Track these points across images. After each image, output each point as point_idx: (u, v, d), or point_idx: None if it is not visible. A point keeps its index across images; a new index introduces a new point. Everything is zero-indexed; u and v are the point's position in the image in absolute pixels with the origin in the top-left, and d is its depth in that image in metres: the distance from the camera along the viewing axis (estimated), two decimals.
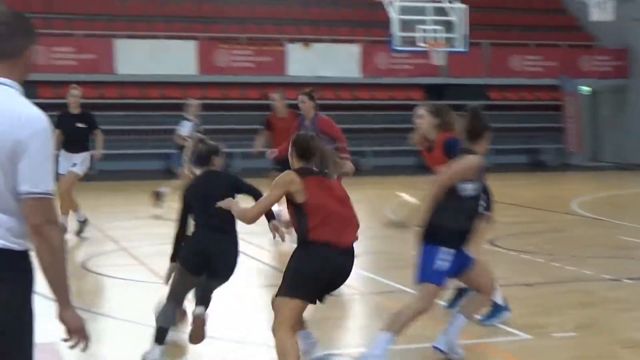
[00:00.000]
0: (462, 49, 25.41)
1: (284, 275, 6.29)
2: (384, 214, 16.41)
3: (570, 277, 10.60)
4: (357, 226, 6.45)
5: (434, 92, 30.48)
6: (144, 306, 8.56)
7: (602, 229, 15.16)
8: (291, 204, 6.24)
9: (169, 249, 7.40)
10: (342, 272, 6.31)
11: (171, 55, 27.86)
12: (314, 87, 12.69)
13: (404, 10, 25.27)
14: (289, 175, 6.24)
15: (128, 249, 12.96)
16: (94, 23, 29.61)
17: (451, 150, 8.36)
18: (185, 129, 15.98)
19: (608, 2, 14.42)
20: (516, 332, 8.10)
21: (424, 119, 8.84)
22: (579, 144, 31.38)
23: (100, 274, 11.21)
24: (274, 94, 14.94)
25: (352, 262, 6.37)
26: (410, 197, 10.32)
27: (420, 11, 25.38)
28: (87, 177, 25.29)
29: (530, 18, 34.55)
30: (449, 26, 25.39)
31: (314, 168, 6.35)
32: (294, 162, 6.40)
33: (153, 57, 27.67)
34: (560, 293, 9.77)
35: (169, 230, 8.20)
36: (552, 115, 31.57)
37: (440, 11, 25.95)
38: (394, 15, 24.87)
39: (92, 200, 20.03)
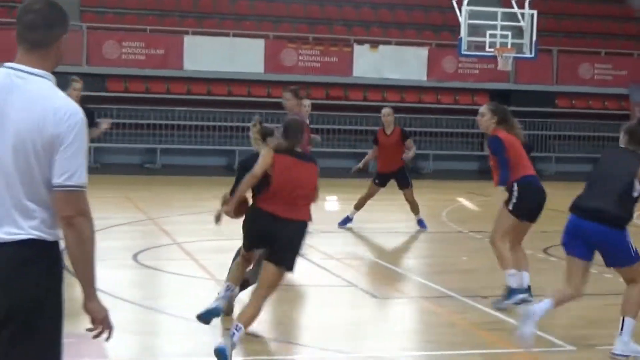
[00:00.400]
0: (530, 55, 25.22)
1: None
2: (440, 219, 16.49)
3: (621, 289, 10.44)
4: (305, 207, 7.35)
5: (500, 97, 30.24)
6: (191, 301, 8.69)
7: None
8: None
9: (223, 244, 7.55)
10: (269, 234, 7.23)
11: (239, 52, 28.07)
12: (301, 85, 12.99)
13: (473, 15, 25.20)
14: (269, 153, 7.32)
15: (182, 243, 13.12)
16: (165, 19, 29.99)
17: (491, 147, 8.78)
18: None
19: None
20: (561, 343, 8.06)
21: (484, 116, 9.47)
22: None
23: (152, 268, 11.37)
24: (385, 109, 15.74)
25: (284, 230, 7.20)
26: (470, 202, 10.33)
27: (490, 16, 25.27)
28: (151, 171, 25.95)
29: (600, 25, 34.14)
30: (518, 32, 25.23)
31: (293, 148, 7.38)
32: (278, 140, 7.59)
33: (221, 54, 27.91)
34: (609, 305, 9.65)
35: (224, 227, 8.31)
36: (620, 125, 31.07)
37: (510, 16, 25.80)
38: (463, 19, 24.80)
39: (151, 193, 20.38)
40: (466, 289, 10.12)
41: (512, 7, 25.64)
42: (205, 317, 7.59)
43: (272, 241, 7.20)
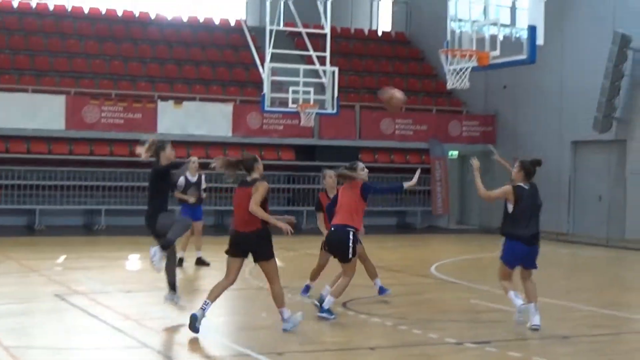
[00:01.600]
0: (332, 111, 25.68)
1: None
2: (243, 276, 16.33)
3: (414, 341, 10.64)
4: (242, 223, 10.77)
5: (305, 153, 30.64)
6: None
7: (456, 292, 15.32)
8: None
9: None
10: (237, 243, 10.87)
11: (38, 109, 27.31)
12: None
13: (277, 72, 25.48)
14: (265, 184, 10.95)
15: None
16: None
17: None
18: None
19: (464, 72, 14.66)
20: None
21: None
22: (445, 207, 31.90)
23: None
24: (329, 172, 13.87)
25: (244, 240, 10.75)
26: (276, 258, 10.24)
27: (292, 73, 25.62)
28: None
29: (401, 82, 35.16)
30: (320, 88, 25.67)
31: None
32: None
33: (20, 111, 27.09)
34: (402, 357, 9.79)
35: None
36: (420, 178, 31.94)
37: (313, 73, 26.22)
38: (265, 76, 25.06)
39: None
40: (263, 345, 10.03)
41: (314, 64, 26.11)
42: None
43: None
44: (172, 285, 12.25)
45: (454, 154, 33.19)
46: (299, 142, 30.21)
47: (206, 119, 29.22)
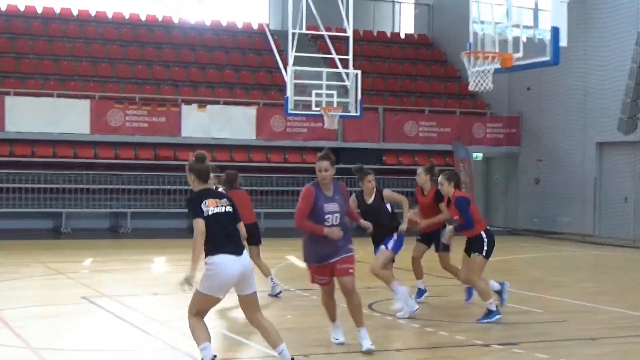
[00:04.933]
0: (355, 114, 25.67)
1: None
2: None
3: (440, 342, 10.64)
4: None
5: None
6: None
7: None
8: None
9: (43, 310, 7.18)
10: None
11: (63, 113, 27.52)
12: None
13: (299, 75, 25.53)
14: None
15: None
16: None
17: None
18: None
19: (487, 74, 14.63)
20: None
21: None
22: None
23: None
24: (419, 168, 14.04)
25: None
26: (299, 260, 10.28)
27: (315, 76, 25.66)
28: None
29: (424, 85, 35.20)
30: (344, 91, 25.68)
31: None
32: None
33: (45, 115, 27.31)
34: (428, 359, 9.79)
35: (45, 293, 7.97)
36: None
37: (336, 76, 26.24)
38: (289, 79, 25.09)
39: None
40: (288, 347, 10.03)
41: (337, 67, 26.11)
42: None
43: None
44: None
45: (478, 156, 33.14)
46: (323, 144, 30.22)
47: (230, 122, 29.33)
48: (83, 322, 11.89)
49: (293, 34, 25.40)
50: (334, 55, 26.33)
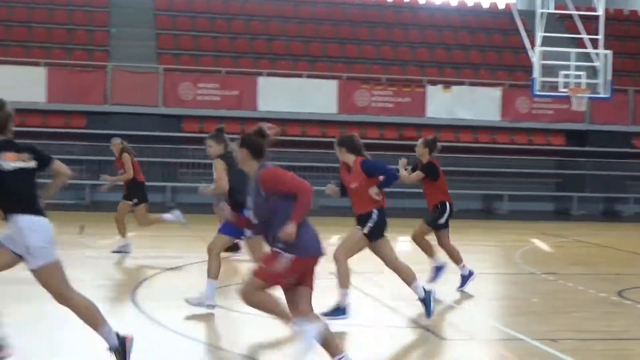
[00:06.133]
0: (605, 95, 25.01)
1: None
2: (514, 261, 16.36)
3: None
4: None
5: (575, 137, 30.03)
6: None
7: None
8: None
9: None
10: None
11: (312, 93, 28.34)
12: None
13: (547, 55, 25.11)
14: None
15: None
16: (239, 60, 30.42)
17: None
18: None
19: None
20: None
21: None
22: None
23: None
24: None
25: None
26: (544, 244, 10.23)
27: (563, 56, 25.16)
28: None
29: None
30: (592, 72, 25.07)
31: None
32: None
33: (294, 95, 28.22)
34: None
35: None
36: None
37: (584, 56, 25.64)
38: (536, 60, 24.73)
39: None
40: (536, 331, 10.01)
41: (586, 48, 25.49)
42: None
43: None
44: None
45: None
46: (570, 127, 29.66)
47: (475, 103, 29.25)
48: None
49: (541, 14, 25.03)
50: (584, 35, 25.73)
